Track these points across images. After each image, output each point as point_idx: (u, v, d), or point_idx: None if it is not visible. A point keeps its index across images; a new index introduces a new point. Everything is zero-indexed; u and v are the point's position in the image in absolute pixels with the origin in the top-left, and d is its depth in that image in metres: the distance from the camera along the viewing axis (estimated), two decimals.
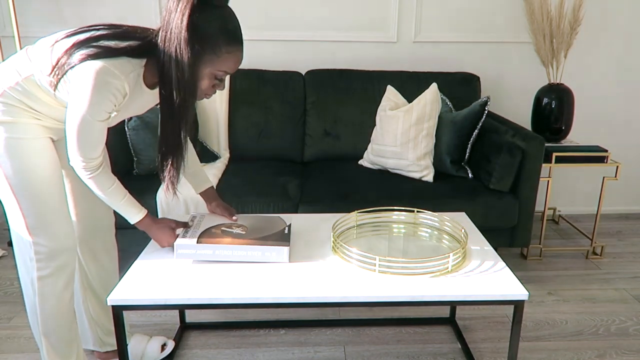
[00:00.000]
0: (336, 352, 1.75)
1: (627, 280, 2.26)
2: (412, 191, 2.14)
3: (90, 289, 1.59)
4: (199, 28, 1.13)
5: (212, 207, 1.61)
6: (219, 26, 1.15)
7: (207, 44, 1.14)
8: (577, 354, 1.76)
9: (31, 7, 2.58)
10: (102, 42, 1.17)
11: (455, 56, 2.75)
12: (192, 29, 1.12)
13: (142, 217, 1.38)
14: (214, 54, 1.16)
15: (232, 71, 1.23)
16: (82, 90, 1.14)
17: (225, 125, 2.50)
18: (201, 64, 1.16)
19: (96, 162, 1.26)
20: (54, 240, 1.33)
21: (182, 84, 1.16)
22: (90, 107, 1.16)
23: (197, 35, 1.13)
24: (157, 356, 1.68)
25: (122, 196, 1.33)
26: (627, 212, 3.07)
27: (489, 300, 1.24)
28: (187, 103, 1.20)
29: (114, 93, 1.16)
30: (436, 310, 1.99)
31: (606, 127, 2.91)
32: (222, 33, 1.15)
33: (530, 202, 2.15)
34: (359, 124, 2.53)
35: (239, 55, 1.21)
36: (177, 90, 1.17)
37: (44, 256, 1.33)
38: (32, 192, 1.28)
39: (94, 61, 1.13)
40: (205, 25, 1.13)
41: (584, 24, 2.67)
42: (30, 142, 1.27)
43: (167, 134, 1.25)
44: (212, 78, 1.21)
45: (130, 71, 1.18)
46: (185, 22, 1.11)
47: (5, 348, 1.76)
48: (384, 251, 1.44)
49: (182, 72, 1.15)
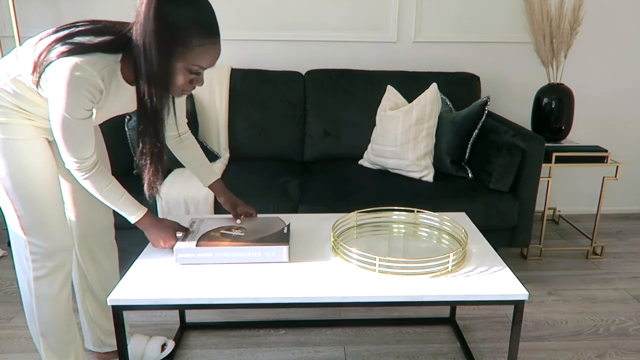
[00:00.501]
0: (336, 352, 1.75)
1: (627, 280, 2.26)
2: (412, 191, 2.14)
3: (90, 289, 1.59)
4: (168, 19, 1.08)
5: (221, 202, 1.60)
6: (191, 17, 1.10)
7: (177, 36, 1.09)
8: (577, 354, 1.76)
9: (31, 7, 2.58)
10: (77, 38, 1.14)
11: (455, 56, 2.75)
12: (161, 21, 1.07)
13: (142, 215, 1.36)
14: (185, 47, 1.11)
15: (208, 66, 1.18)
16: (57, 88, 1.12)
17: (225, 125, 2.50)
18: (172, 58, 1.12)
19: (89, 161, 1.24)
20: (49, 240, 1.32)
21: (153, 79, 1.13)
22: (66, 106, 1.13)
23: (166, 27, 1.08)
24: (157, 356, 1.68)
25: (119, 195, 1.31)
26: (627, 212, 3.07)
27: (489, 300, 1.24)
28: (161, 99, 1.17)
29: (87, 89, 1.13)
30: (436, 310, 1.99)
31: (606, 127, 2.91)
32: (194, 25, 1.10)
33: (530, 202, 2.15)
34: (359, 124, 2.53)
35: (214, 49, 1.16)
36: (149, 86, 1.14)
37: (40, 256, 1.32)
38: (27, 192, 1.28)
39: (67, 58, 1.11)
40: (175, 17, 1.08)
41: (584, 24, 2.67)
42: (25, 142, 1.26)
43: (144, 131, 1.21)
44: (186, 73, 1.16)
45: (104, 66, 1.14)
46: (152, 13, 1.06)
47: (5, 348, 1.76)
48: (384, 251, 1.44)
49: (152, 67, 1.11)
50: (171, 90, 1.19)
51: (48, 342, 1.41)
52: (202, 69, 1.17)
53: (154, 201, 1.70)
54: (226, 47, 2.68)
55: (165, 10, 1.07)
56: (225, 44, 2.68)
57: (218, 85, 2.49)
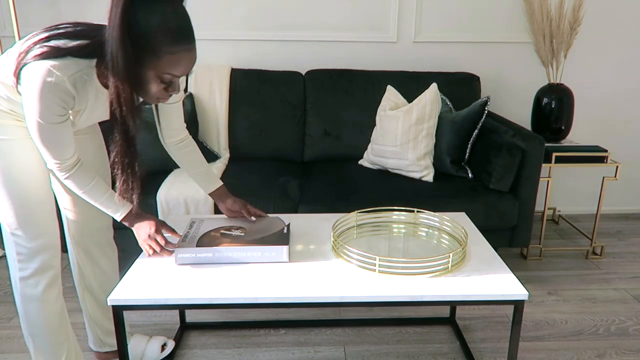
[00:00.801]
0: (336, 352, 1.75)
1: (627, 280, 2.26)
2: (412, 191, 2.14)
3: (89, 289, 1.58)
4: (135, 25, 1.03)
5: (228, 206, 1.57)
6: (158, 23, 1.04)
7: (145, 43, 1.05)
8: (577, 354, 1.76)
9: (31, 7, 2.58)
10: (53, 41, 1.12)
11: (455, 56, 2.76)
12: (128, 27, 1.02)
13: (127, 211, 1.33)
14: (154, 55, 1.06)
15: (181, 74, 1.13)
16: (29, 93, 1.10)
17: (225, 125, 2.50)
18: (141, 66, 1.07)
19: (70, 161, 1.23)
20: (33, 240, 1.30)
21: (121, 87, 1.08)
22: (39, 111, 1.11)
23: (133, 35, 1.03)
24: (157, 356, 1.68)
25: (103, 192, 1.29)
26: (627, 212, 3.07)
27: (489, 300, 1.24)
28: (131, 109, 1.12)
29: (58, 95, 1.10)
30: (436, 310, 1.99)
31: (606, 127, 2.91)
32: (162, 31, 1.05)
33: (530, 202, 2.15)
34: (359, 124, 2.53)
35: (186, 57, 1.10)
36: (117, 95, 1.09)
37: (25, 257, 1.31)
38: (13, 192, 1.26)
39: (40, 62, 1.09)
40: (142, 23, 1.03)
41: (584, 24, 2.67)
42: (15, 142, 1.25)
43: (117, 138, 1.17)
44: (158, 81, 1.11)
45: (75, 71, 1.11)
46: (118, 19, 1.01)
47: (5, 348, 1.76)
48: (384, 251, 1.44)
49: (119, 75, 1.07)
50: (145, 98, 1.16)
51: (36, 343, 1.39)
52: (175, 77, 1.13)
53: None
54: (226, 47, 2.68)
55: (132, 16, 1.02)
56: (225, 44, 2.68)
57: (218, 85, 2.49)
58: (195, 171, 1.54)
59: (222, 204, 1.58)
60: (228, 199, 1.57)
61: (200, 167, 1.54)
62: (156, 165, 2.24)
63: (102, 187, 1.30)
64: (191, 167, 1.54)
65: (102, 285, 1.59)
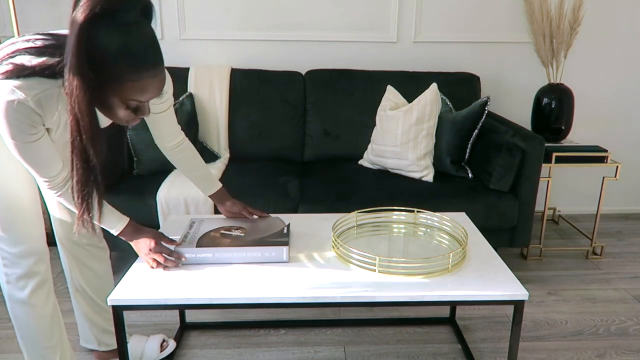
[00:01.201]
0: (336, 352, 1.75)
1: (627, 280, 2.26)
2: (412, 191, 2.14)
3: (80, 291, 1.57)
4: (94, 50, 0.96)
5: (227, 208, 1.56)
6: (119, 49, 0.97)
7: (106, 70, 0.98)
8: (577, 354, 1.76)
9: (31, 7, 2.58)
10: (18, 57, 1.07)
11: (455, 56, 2.75)
12: (87, 52, 0.95)
13: (124, 226, 1.30)
14: (115, 81, 1.00)
15: (147, 99, 1.07)
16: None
17: (225, 125, 2.50)
18: (104, 91, 1.01)
19: (59, 178, 1.19)
20: (16, 246, 1.28)
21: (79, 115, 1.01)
22: (9, 131, 1.07)
23: (93, 59, 0.96)
24: (156, 355, 1.68)
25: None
26: (627, 212, 3.07)
27: (489, 300, 1.24)
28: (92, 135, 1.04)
29: (23, 114, 1.06)
30: (436, 310, 1.99)
31: (606, 127, 2.91)
32: (123, 58, 0.98)
33: (530, 202, 2.15)
34: (359, 124, 2.53)
35: (151, 83, 1.04)
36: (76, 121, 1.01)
37: (9, 262, 1.29)
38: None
39: (2, 81, 1.05)
40: (102, 47, 0.96)
41: (584, 24, 2.67)
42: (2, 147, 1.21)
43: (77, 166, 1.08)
44: (124, 107, 1.05)
45: (39, 91, 1.06)
46: (75, 44, 0.94)
47: (5, 348, 1.76)
48: (384, 251, 1.44)
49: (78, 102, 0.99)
50: (113, 120, 1.11)
51: (28, 346, 1.38)
52: (141, 103, 1.07)
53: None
54: (226, 47, 2.68)
55: (91, 40, 0.95)
56: (226, 44, 2.68)
57: (218, 85, 2.49)
58: (194, 174, 1.53)
59: (221, 206, 1.58)
60: (227, 201, 1.56)
61: (198, 170, 1.53)
62: (156, 165, 2.24)
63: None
64: (189, 170, 1.52)
65: (94, 287, 1.58)
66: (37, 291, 1.33)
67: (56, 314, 1.40)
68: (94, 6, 0.93)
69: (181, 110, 2.34)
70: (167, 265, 1.33)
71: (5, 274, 1.31)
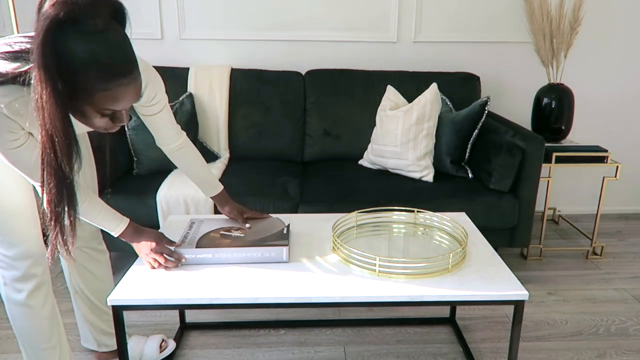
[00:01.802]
0: (336, 352, 1.75)
1: (627, 280, 2.26)
2: (412, 191, 2.14)
3: (80, 293, 1.57)
4: (60, 60, 0.90)
5: (226, 213, 1.56)
6: (86, 59, 0.91)
7: (74, 79, 0.92)
8: (577, 354, 1.76)
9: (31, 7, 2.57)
10: None
11: (455, 56, 2.75)
12: (53, 62, 0.89)
13: (124, 228, 1.29)
14: (85, 91, 0.94)
15: (121, 108, 1.01)
16: None
17: (225, 125, 2.50)
18: (76, 100, 0.96)
19: None
20: (11, 249, 1.27)
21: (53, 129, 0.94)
22: None
23: (61, 68, 0.91)
24: (156, 355, 1.68)
25: (97, 211, 1.25)
26: (627, 212, 3.07)
27: (489, 300, 1.24)
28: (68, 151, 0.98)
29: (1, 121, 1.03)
30: (436, 310, 1.99)
31: (606, 127, 2.91)
32: (90, 68, 0.92)
33: (530, 202, 2.15)
34: (359, 124, 2.53)
35: (122, 92, 0.98)
36: (50, 137, 0.95)
37: (5, 264, 1.29)
38: None
39: None
40: (69, 56, 0.90)
41: (584, 24, 2.67)
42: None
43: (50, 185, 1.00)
44: (99, 115, 1.00)
45: (16, 97, 1.02)
46: (39, 53, 0.88)
47: (5, 348, 1.76)
48: (384, 251, 1.44)
49: (47, 116, 0.93)
50: (91, 127, 1.05)
51: (26, 348, 1.38)
52: (117, 111, 1.02)
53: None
54: (226, 47, 2.68)
55: (57, 48, 0.89)
56: (226, 44, 2.68)
57: (218, 85, 2.49)
58: (196, 176, 1.52)
59: (221, 208, 1.57)
60: (226, 206, 1.55)
61: (200, 172, 1.51)
62: (156, 165, 2.24)
63: (95, 205, 1.25)
64: (191, 172, 1.51)
65: (94, 290, 1.57)
66: (34, 293, 1.33)
67: (55, 315, 1.40)
68: (57, 12, 0.88)
69: (181, 110, 2.34)
70: (167, 265, 1.33)
71: (2, 276, 1.31)
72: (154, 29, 2.63)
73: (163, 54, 2.67)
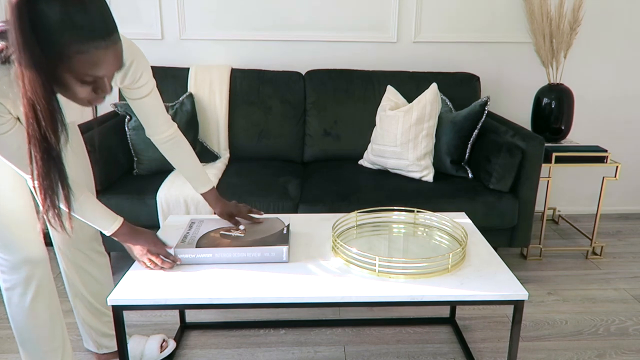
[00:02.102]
0: (336, 352, 1.75)
1: (627, 280, 2.26)
2: (412, 191, 2.14)
3: (79, 296, 1.56)
4: (36, 24, 0.89)
5: (217, 212, 1.54)
6: (60, 19, 0.89)
7: (51, 44, 0.91)
8: (577, 354, 1.76)
9: None
10: None
11: (455, 56, 2.76)
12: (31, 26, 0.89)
13: (117, 227, 1.26)
14: (62, 56, 0.92)
15: (104, 74, 0.98)
16: None
17: (225, 125, 2.50)
18: (55, 68, 0.94)
19: None
20: (11, 254, 1.27)
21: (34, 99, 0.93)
22: None
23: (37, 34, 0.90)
24: (156, 356, 1.68)
25: (91, 208, 1.22)
26: (627, 212, 3.07)
27: (489, 300, 1.24)
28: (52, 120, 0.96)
29: None
30: (436, 310, 1.99)
31: (606, 127, 2.91)
32: (66, 29, 0.90)
33: (530, 202, 2.15)
34: (359, 124, 2.53)
35: (102, 55, 0.95)
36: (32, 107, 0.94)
37: (6, 269, 1.29)
38: None
39: None
40: (43, 19, 0.89)
41: (584, 24, 2.67)
42: None
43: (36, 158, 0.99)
44: (80, 84, 0.98)
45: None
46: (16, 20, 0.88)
47: (5, 348, 1.76)
48: (384, 251, 1.44)
49: (28, 84, 0.92)
50: (74, 101, 1.03)
51: (27, 350, 1.37)
52: (98, 77, 0.99)
53: None
54: (226, 47, 2.69)
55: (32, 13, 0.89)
56: (226, 44, 2.68)
57: (218, 85, 2.49)
58: (187, 170, 1.48)
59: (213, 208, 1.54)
60: (216, 206, 1.52)
61: (191, 165, 1.47)
62: (156, 165, 2.24)
63: (88, 202, 1.22)
64: (182, 165, 1.47)
65: (93, 292, 1.56)
66: (37, 297, 1.33)
67: (58, 317, 1.40)
68: None
69: (181, 110, 2.34)
70: (163, 266, 1.32)
71: (3, 280, 1.30)
72: (154, 29, 2.63)
73: (163, 54, 2.68)
